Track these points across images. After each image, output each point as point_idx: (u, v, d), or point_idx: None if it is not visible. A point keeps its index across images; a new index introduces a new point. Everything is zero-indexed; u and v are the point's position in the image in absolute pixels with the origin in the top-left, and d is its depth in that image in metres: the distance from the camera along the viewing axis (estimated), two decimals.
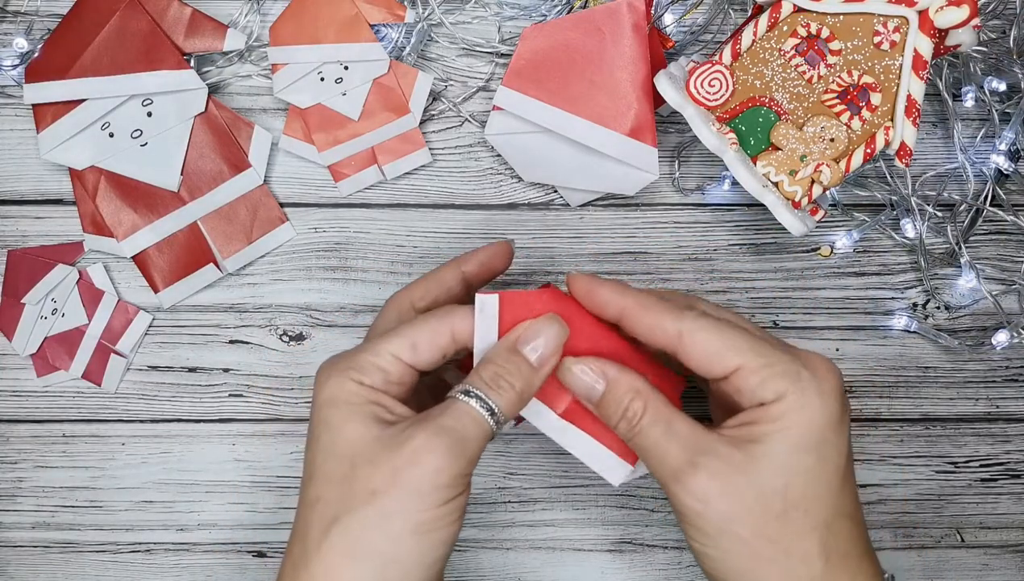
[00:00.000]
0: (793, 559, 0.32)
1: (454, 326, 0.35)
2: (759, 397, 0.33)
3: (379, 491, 0.31)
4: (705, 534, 0.33)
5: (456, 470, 0.31)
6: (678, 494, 0.33)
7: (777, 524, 0.32)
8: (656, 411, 0.34)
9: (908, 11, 0.39)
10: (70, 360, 0.48)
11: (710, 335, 0.34)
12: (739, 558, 0.33)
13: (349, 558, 0.31)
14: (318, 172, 0.49)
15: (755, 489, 0.32)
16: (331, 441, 0.33)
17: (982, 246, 0.50)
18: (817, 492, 0.33)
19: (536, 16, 0.49)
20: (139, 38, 0.46)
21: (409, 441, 0.31)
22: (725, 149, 0.42)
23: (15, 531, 0.49)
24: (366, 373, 0.34)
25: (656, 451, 0.34)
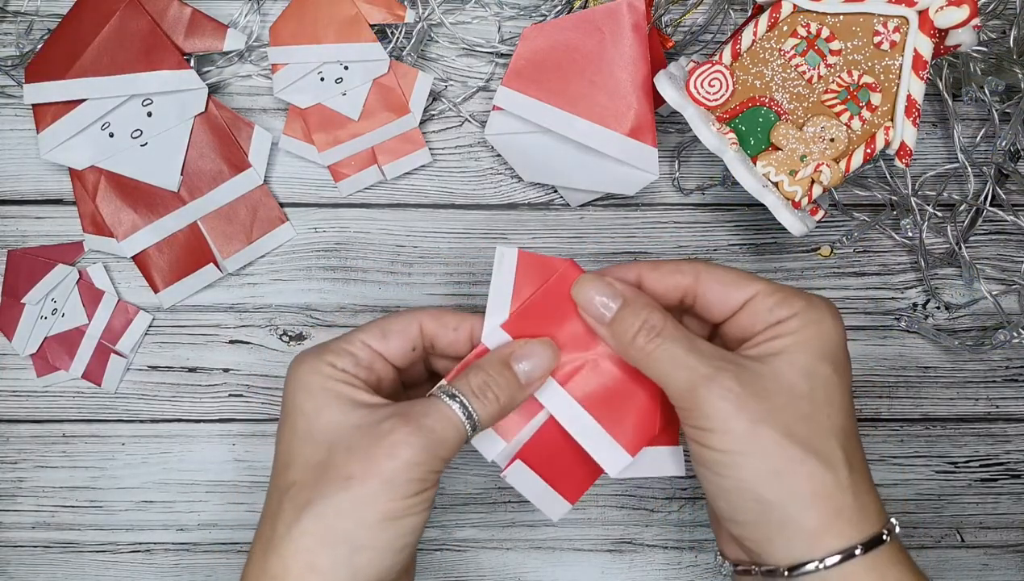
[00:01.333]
0: (820, 460, 0.32)
1: (422, 320, 0.37)
2: (776, 315, 0.34)
3: (354, 478, 0.32)
4: (731, 439, 0.32)
5: (429, 467, 0.32)
6: (706, 399, 0.32)
7: (805, 425, 0.33)
8: (675, 326, 0.35)
9: (908, 11, 0.39)
10: (70, 360, 0.48)
11: (725, 271, 0.36)
12: (766, 459, 0.32)
13: (321, 542, 0.31)
14: (318, 172, 0.49)
15: (782, 391, 0.33)
16: (308, 427, 0.34)
17: (982, 246, 0.50)
18: (838, 400, 0.34)
19: (536, 16, 0.49)
20: (139, 38, 0.46)
21: (389, 434, 0.32)
22: (725, 149, 0.42)
23: (15, 531, 0.49)
24: (338, 356, 0.35)
25: (682, 362, 0.33)
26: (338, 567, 0.31)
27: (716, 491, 0.33)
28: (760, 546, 0.33)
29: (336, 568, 0.31)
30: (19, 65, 0.48)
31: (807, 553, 0.32)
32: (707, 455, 0.33)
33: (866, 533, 0.32)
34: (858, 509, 0.32)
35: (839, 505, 0.32)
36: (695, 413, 0.33)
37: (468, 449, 0.49)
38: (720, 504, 0.34)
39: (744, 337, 0.35)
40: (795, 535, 0.32)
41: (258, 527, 0.34)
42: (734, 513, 0.33)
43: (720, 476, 0.33)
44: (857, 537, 0.32)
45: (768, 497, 0.32)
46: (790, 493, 0.32)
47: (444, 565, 0.49)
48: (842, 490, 0.32)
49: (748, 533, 0.33)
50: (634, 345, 0.35)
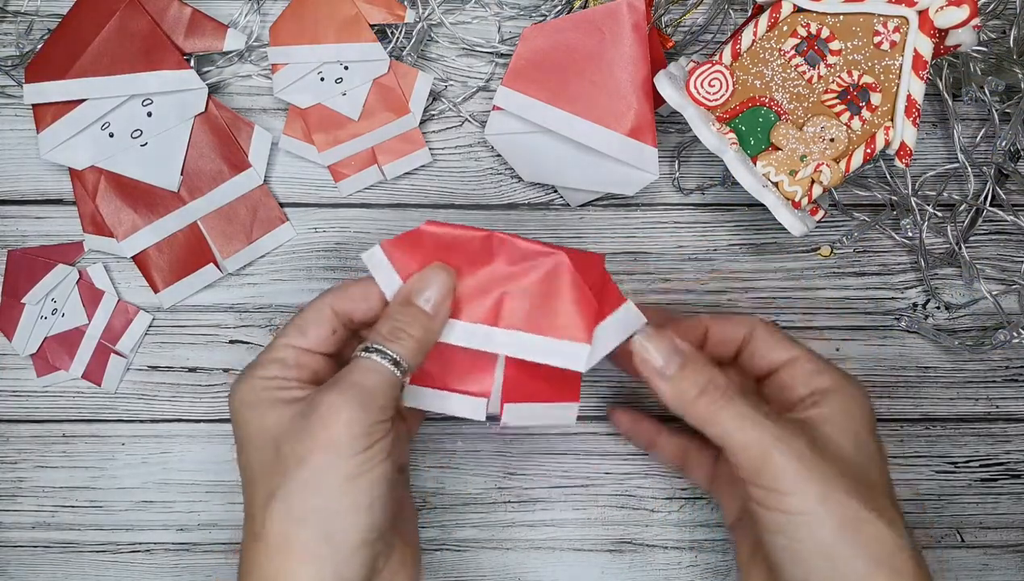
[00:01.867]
0: (883, 520, 0.34)
1: (331, 302, 0.37)
2: (816, 383, 0.37)
3: (304, 456, 0.33)
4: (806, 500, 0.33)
5: (368, 419, 0.33)
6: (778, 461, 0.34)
7: (865, 488, 0.34)
8: (736, 390, 0.36)
9: (908, 11, 0.39)
10: (70, 360, 0.48)
11: (774, 331, 0.40)
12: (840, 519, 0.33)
13: (293, 522, 0.32)
14: (318, 172, 0.49)
15: (840, 455, 0.35)
16: (253, 437, 0.35)
17: (982, 246, 0.50)
18: (877, 462, 0.36)
19: (536, 16, 0.49)
20: (139, 38, 0.46)
21: (319, 406, 0.33)
22: (725, 149, 0.42)
23: (15, 531, 0.49)
24: (266, 368, 0.36)
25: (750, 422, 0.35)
26: (315, 538, 0.32)
27: (786, 555, 0.34)
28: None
29: (311, 539, 0.32)
30: (19, 65, 0.48)
31: None
32: (779, 519, 0.34)
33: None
34: (917, 570, 0.34)
35: (902, 564, 0.34)
36: (765, 476, 0.34)
37: (468, 449, 0.49)
38: (792, 569, 0.34)
39: (781, 396, 0.38)
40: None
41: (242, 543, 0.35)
42: (807, 575, 0.34)
43: (795, 540, 0.34)
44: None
45: (841, 557, 0.33)
46: (863, 553, 0.33)
47: (444, 565, 0.49)
48: (905, 551, 0.34)
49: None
50: (700, 403, 0.36)
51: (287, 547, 0.32)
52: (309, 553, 0.32)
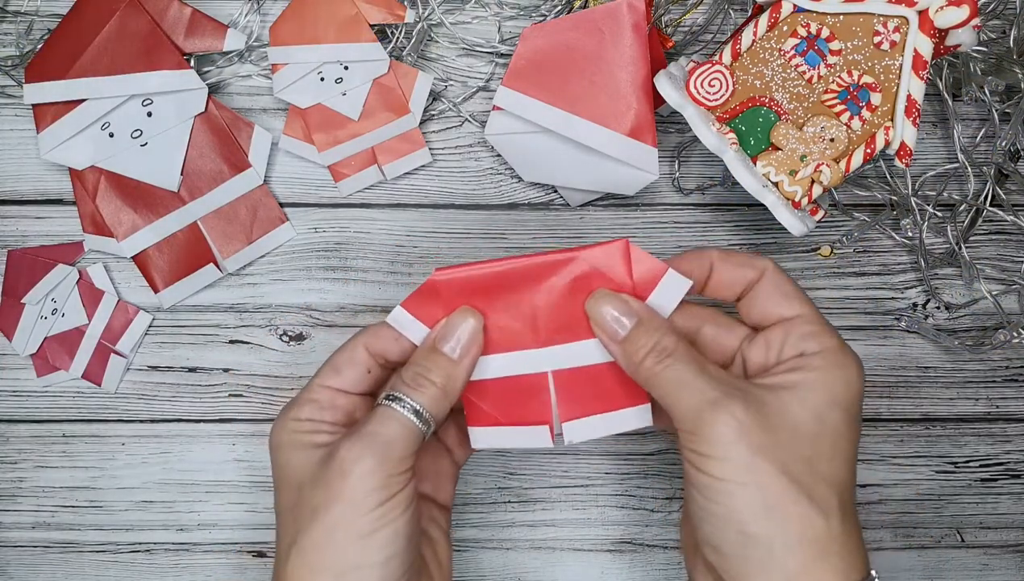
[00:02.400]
0: (814, 505, 0.32)
1: (364, 341, 0.37)
2: (803, 346, 0.34)
3: (319, 508, 0.32)
4: (729, 468, 0.32)
5: (386, 471, 0.33)
6: (711, 426, 0.32)
7: (804, 466, 0.32)
8: (688, 350, 0.34)
9: (908, 11, 0.39)
10: (70, 360, 0.48)
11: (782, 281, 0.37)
12: (759, 493, 0.32)
13: (309, 572, 0.32)
14: (318, 172, 0.49)
15: (787, 427, 0.32)
16: (282, 477, 0.35)
17: (982, 246, 0.50)
18: (843, 450, 0.33)
19: (536, 16, 0.49)
20: (139, 38, 0.46)
21: (336, 454, 0.33)
22: (725, 149, 0.42)
23: (15, 531, 0.49)
24: (300, 408, 0.36)
25: (690, 384, 0.33)
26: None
27: (703, 515, 0.33)
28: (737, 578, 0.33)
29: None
30: (19, 65, 0.48)
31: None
32: (702, 479, 0.33)
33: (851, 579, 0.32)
34: (843, 558, 0.32)
35: (825, 551, 0.32)
36: (696, 437, 0.33)
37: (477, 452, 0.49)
38: (706, 529, 0.33)
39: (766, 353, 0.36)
40: (774, 575, 0.32)
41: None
42: (718, 542, 0.33)
43: (711, 502, 0.32)
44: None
45: (754, 532, 0.32)
46: (777, 531, 0.32)
47: None
48: (831, 537, 0.32)
49: (726, 565, 0.33)
50: (643, 365, 0.34)
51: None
52: None
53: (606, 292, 0.36)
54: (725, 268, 0.37)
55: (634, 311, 0.35)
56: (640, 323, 0.35)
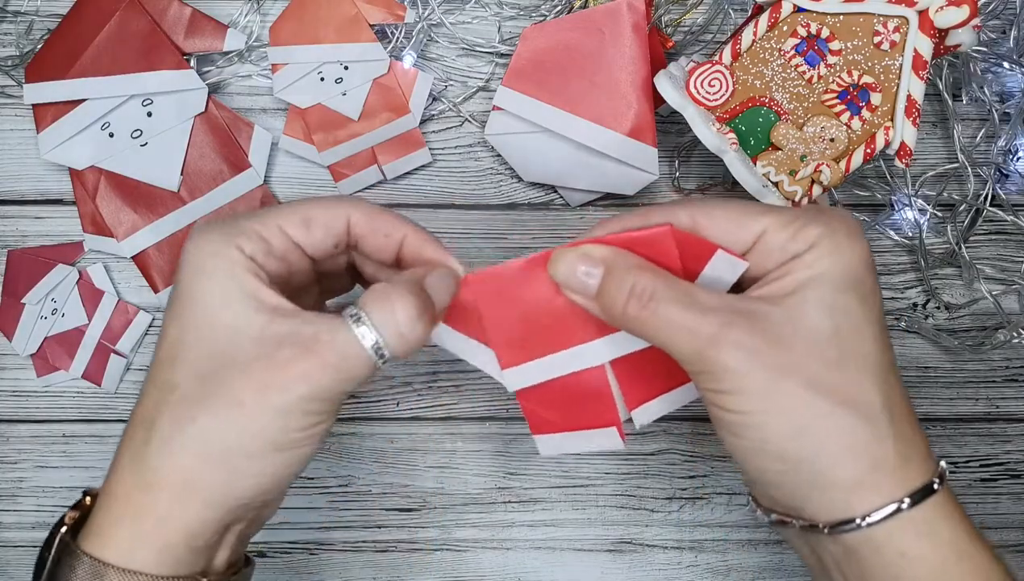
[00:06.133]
0: (852, 410, 0.29)
1: (352, 213, 0.32)
2: (790, 251, 0.30)
3: (246, 403, 0.29)
4: (748, 399, 0.29)
5: (328, 402, 0.30)
6: (716, 360, 0.29)
7: (835, 373, 0.29)
8: (668, 283, 0.30)
9: (908, 11, 0.39)
10: (70, 360, 0.48)
11: (726, 207, 0.32)
12: (789, 416, 0.29)
13: (201, 461, 0.29)
14: (318, 172, 0.49)
15: (804, 336, 0.29)
16: (203, 322, 0.30)
17: (982, 246, 0.50)
18: (868, 335, 0.30)
19: (536, 16, 0.49)
20: (139, 38, 0.46)
21: (287, 364, 0.29)
22: (725, 149, 0.42)
23: (15, 531, 0.49)
24: (249, 240, 0.30)
25: (681, 324, 0.29)
26: (215, 489, 0.29)
27: (740, 454, 0.30)
28: (796, 505, 0.30)
29: (213, 489, 0.29)
30: (19, 65, 0.48)
31: (847, 510, 0.29)
32: (725, 417, 0.30)
33: (911, 485, 0.29)
34: (901, 458, 0.29)
35: (877, 456, 0.29)
36: (706, 376, 0.29)
37: (468, 449, 0.49)
38: (748, 467, 0.30)
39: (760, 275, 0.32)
40: (831, 492, 0.29)
41: (129, 425, 0.31)
42: (761, 475, 0.30)
43: (741, 438, 0.30)
44: (901, 490, 0.29)
45: (795, 455, 0.29)
46: (818, 449, 0.29)
47: (444, 565, 0.49)
48: (880, 439, 0.29)
49: (780, 495, 0.30)
50: (626, 316, 0.30)
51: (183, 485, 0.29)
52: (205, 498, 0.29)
53: (563, 250, 0.32)
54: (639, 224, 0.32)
55: (598, 259, 0.31)
56: (609, 271, 0.31)
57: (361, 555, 0.49)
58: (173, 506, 0.29)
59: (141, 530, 0.29)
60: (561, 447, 0.36)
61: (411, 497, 0.49)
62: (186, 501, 0.29)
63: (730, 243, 0.31)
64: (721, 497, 0.49)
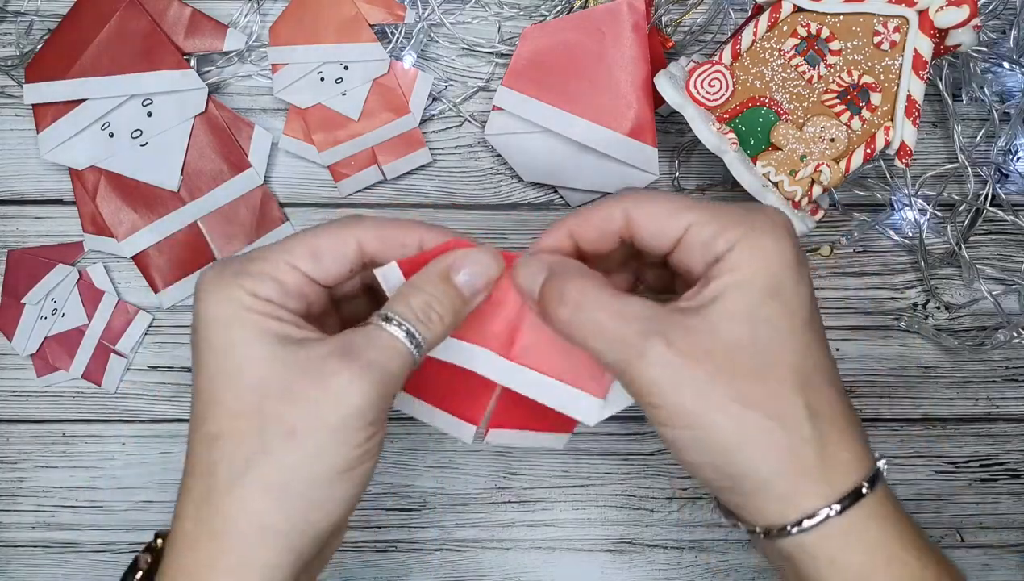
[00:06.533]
0: (779, 424, 0.29)
1: (360, 235, 0.32)
2: (713, 251, 0.30)
3: (299, 430, 0.28)
4: (677, 414, 0.29)
5: (381, 407, 0.29)
6: (640, 373, 0.29)
7: (754, 385, 0.29)
8: (599, 290, 0.30)
9: (908, 11, 0.39)
10: (70, 360, 0.48)
11: (656, 201, 0.32)
12: (721, 431, 0.29)
13: (271, 502, 0.28)
14: (318, 172, 0.49)
15: (721, 348, 0.29)
16: (228, 368, 0.29)
17: (982, 246, 0.50)
18: (788, 344, 0.30)
19: (536, 16, 0.49)
20: (139, 38, 0.46)
21: (333, 376, 0.28)
22: (725, 149, 0.42)
23: (15, 531, 0.49)
24: (260, 282, 0.30)
25: (604, 334, 0.30)
26: (292, 526, 0.28)
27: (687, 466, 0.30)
28: (737, 510, 0.31)
29: (289, 527, 0.28)
30: (19, 65, 0.48)
31: (780, 517, 0.29)
32: (659, 429, 0.30)
33: (840, 490, 0.29)
34: (825, 466, 0.29)
35: (804, 465, 0.29)
36: (634, 389, 0.30)
37: (468, 449, 0.49)
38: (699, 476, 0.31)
39: (685, 273, 0.32)
40: (766, 500, 0.29)
41: (184, 483, 0.30)
42: (705, 483, 0.31)
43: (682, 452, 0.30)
44: (828, 496, 0.29)
45: (731, 471, 0.29)
46: (753, 461, 0.29)
47: (444, 565, 0.49)
48: (804, 447, 0.29)
49: (723, 498, 0.31)
50: (557, 320, 0.30)
51: (256, 527, 0.28)
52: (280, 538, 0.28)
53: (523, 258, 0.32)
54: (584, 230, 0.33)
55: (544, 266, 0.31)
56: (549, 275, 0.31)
57: (361, 555, 0.49)
58: (250, 551, 0.28)
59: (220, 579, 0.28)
60: (419, 414, 0.35)
61: (411, 497, 0.49)
62: (264, 544, 0.28)
63: (658, 236, 0.31)
64: None
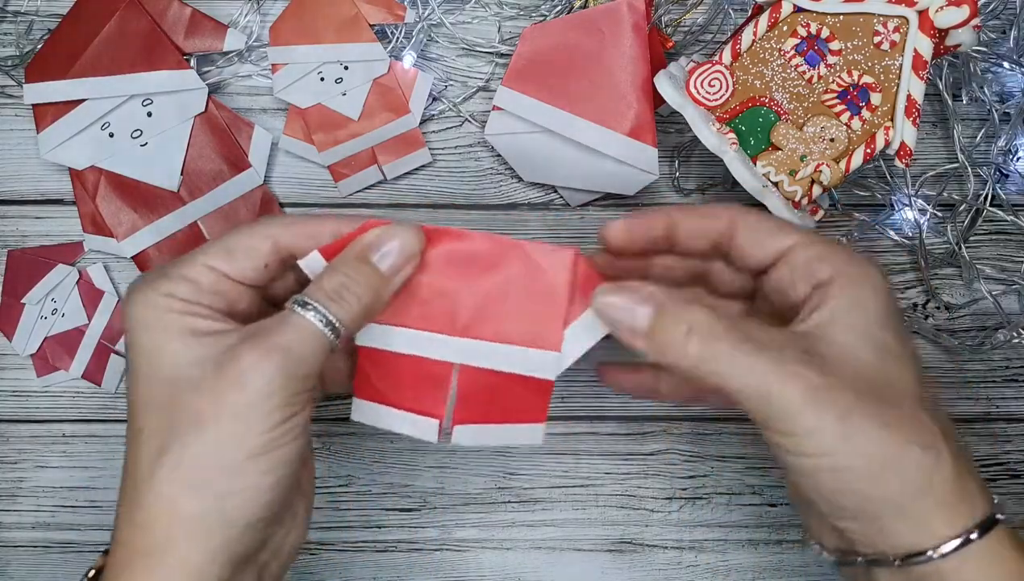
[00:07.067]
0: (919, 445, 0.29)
1: (274, 233, 0.32)
2: (818, 275, 0.31)
3: (205, 417, 0.28)
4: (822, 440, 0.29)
5: (290, 390, 0.29)
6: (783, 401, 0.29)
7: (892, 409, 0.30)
8: (728, 323, 0.30)
9: (908, 11, 0.39)
10: (70, 360, 0.48)
11: (764, 215, 0.33)
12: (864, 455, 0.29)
13: (183, 490, 0.28)
14: (318, 172, 0.49)
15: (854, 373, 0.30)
16: (148, 366, 0.30)
17: (982, 246, 0.50)
18: (909, 371, 0.31)
19: (536, 16, 0.49)
20: (139, 38, 0.46)
21: (235, 362, 0.29)
22: (725, 149, 0.42)
23: (15, 531, 0.49)
24: (175, 283, 0.31)
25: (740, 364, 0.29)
26: (207, 514, 0.28)
27: (816, 496, 0.31)
28: (867, 537, 0.31)
29: (205, 515, 0.28)
30: (19, 65, 0.48)
31: (919, 543, 0.29)
32: (798, 463, 0.30)
33: (976, 516, 0.30)
34: (964, 491, 0.30)
35: (945, 490, 0.30)
36: (775, 419, 0.29)
37: (468, 449, 0.49)
38: (822, 507, 0.31)
39: (782, 291, 0.33)
40: (904, 525, 0.30)
41: (120, 485, 0.31)
42: (838, 513, 0.31)
43: (819, 483, 0.30)
44: (968, 522, 0.30)
45: (874, 495, 0.29)
46: (897, 486, 0.29)
47: (444, 565, 0.49)
48: (944, 473, 0.29)
49: (853, 527, 0.31)
50: (686, 355, 0.30)
51: (173, 516, 0.28)
52: (198, 526, 0.28)
53: (609, 286, 0.32)
54: (688, 221, 0.34)
55: (649, 297, 0.31)
56: (663, 309, 0.31)
57: (361, 555, 0.49)
58: (172, 543, 0.29)
59: (151, 573, 0.29)
60: (376, 419, 0.35)
61: (411, 497, 0.49)
62: (182, 534, 0.28)
63: (757, 250, 0.33)
64: (721, 497, 0.49)
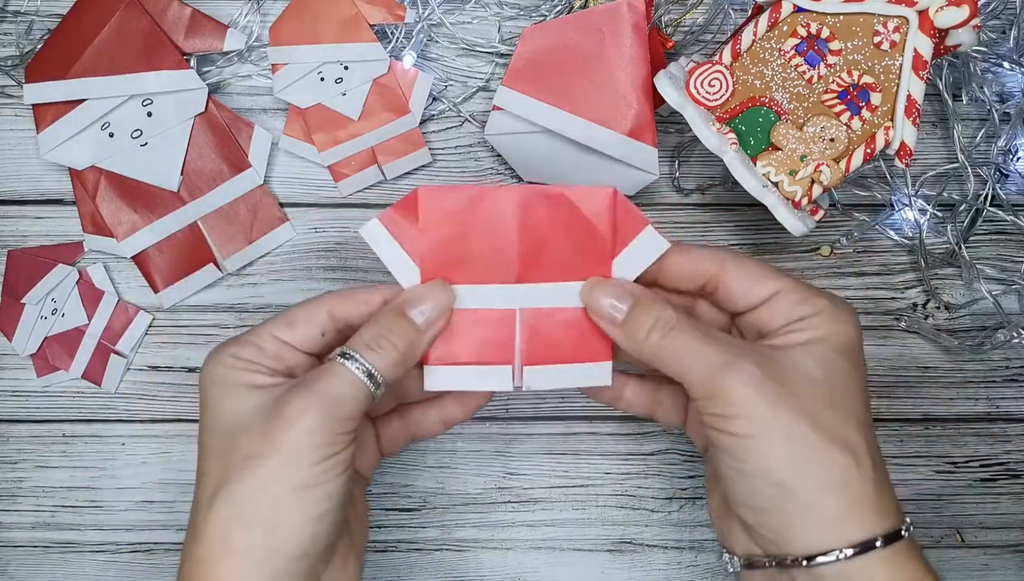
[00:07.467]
0: (843, 448, 0.32)
1: (330, 305, 0.36)
2: (797, 313, 0.34)
3: (254, 455, 0.32)
4: (753, 423, 0.32)
5: (332, 430, 0.32)
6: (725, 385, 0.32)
7: (827, 411, 0.32)
8: (689, 320, 0.35)
9: (908, 11, 0.39)
10: (70, 360, 0.48)
11: (752, 263, 0.36)
12: (788, 443, 0.32)
13: (235, 523, 0.32)
14: (318, 172, 0.49)
15: (802, 377, 0.33)
16: (212, 417, 0.34)
17: (982, 246, 0.50)
18: (855, 393, 0.34)
19: (536, 16, 0.49)
20: (139, 38, 0.46)
21: (284, 406, 0.32)
22: (725, 149, 0.42)
23: (15, 531, 0.49)
24: (241, 347, 0.35)
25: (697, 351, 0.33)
26: (256, 546, 0.31)
27: (736, 476, 0.33)
28: (777, 534, 0.33)
29: (254, 547, 0.31)
30: (19, 65, 0.48)
31: (826, 543, 0.31)
32: (728, 441, 0.33)
33: (886, 526, 0.32)
34: (878, 501, 0.32)
35: (861, 495, 0.32)
36: (714, 400, 0.33)
37: (468, 449, 0.49)
38: (739, 489, 0.33)
39: (763, 331, 0.36)
40: (815, 523, 0.32)
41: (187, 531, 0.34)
42: (754, 499, 0.33)
43: (741, 461, 0.32)
44: (877, 529, 0.31)
45: (790, 483, 0.32)
46: (813, 479, 0.32)
47: (444, 565, 0.49)
48: (864, 480, 0.32)
49: (766, 521, 0.33)
50: (648, 342, 0.34)
51: (226, 550, 0.32)
52: (247, 559, 0.31)
53: (598, 280, 0.36)
54: (680, 259, 0.37)
55: (628, 292, 0.35)
56: (637, 303, 0.35)
57: None
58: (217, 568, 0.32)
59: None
60: (451, 382, 0.37)
61: (411, 497, 0.49)
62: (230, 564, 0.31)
63: (745, 294, 0.36)
64: None
